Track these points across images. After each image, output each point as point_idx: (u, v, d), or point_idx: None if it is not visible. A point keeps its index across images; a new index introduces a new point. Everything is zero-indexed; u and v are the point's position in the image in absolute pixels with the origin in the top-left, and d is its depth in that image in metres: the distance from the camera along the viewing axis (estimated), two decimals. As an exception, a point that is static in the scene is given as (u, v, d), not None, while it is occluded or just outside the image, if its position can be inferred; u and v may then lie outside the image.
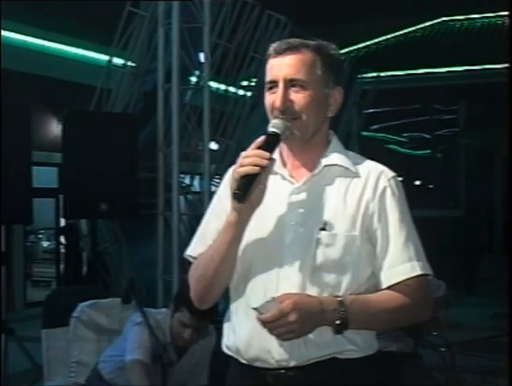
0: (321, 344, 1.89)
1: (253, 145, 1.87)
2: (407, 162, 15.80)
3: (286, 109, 1.93)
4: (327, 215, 1.92)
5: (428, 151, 16.60)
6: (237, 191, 1.83)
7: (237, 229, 1.90)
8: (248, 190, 1.82)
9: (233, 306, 2.02)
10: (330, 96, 2.00)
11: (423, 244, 2.00)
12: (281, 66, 1.96)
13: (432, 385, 3.97)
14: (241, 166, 1.83)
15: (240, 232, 1.91)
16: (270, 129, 1.92)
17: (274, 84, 1.96)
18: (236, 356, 1.99)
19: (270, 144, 1.88)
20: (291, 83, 1.94)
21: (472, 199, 15.34)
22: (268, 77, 1.99)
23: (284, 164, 2.02)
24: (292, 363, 1.89)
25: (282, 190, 1.98)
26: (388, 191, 1.96)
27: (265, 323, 1.81)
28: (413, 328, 3.33)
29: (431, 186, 16.64)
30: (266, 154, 1.85)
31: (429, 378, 3.97)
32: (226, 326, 2.04)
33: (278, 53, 1.97)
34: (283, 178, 1.99)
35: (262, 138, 1.89)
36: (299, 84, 1.94)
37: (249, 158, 1.83)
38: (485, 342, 5.05)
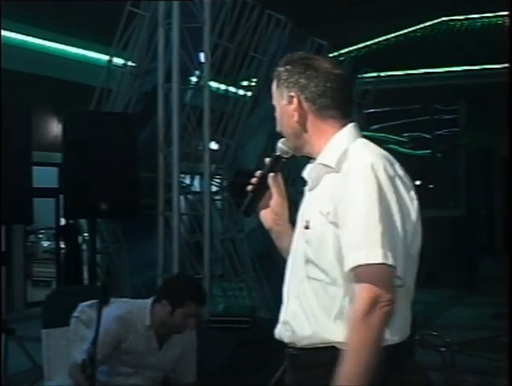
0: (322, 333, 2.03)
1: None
2: (407, 162, 15.77)
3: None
4: (308, 214, 2.08)
5: (428, 151, 16.57)
6: (242, 208, 2.23)
7: (273, 236, 2.29)
8: (250, 206, 2.21)
9: None
10: (289, 105, 2.13)
11: (424, 245, 1.99)
12: None
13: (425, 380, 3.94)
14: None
15: (276, 238, 2.29)
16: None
17: None
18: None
19: (273, 164, 2.22)
20: None
21: (472, 198, 15.34)
22: None
23: None
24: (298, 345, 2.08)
25: None
26: (351, 179, 1.97)
27: None
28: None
29: (431, 186, 16.60)
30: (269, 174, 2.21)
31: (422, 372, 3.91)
32: None
33: None
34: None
35: (267, 160, 2.23)
36: None
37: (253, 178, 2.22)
38: (485, 342, 5.04)
